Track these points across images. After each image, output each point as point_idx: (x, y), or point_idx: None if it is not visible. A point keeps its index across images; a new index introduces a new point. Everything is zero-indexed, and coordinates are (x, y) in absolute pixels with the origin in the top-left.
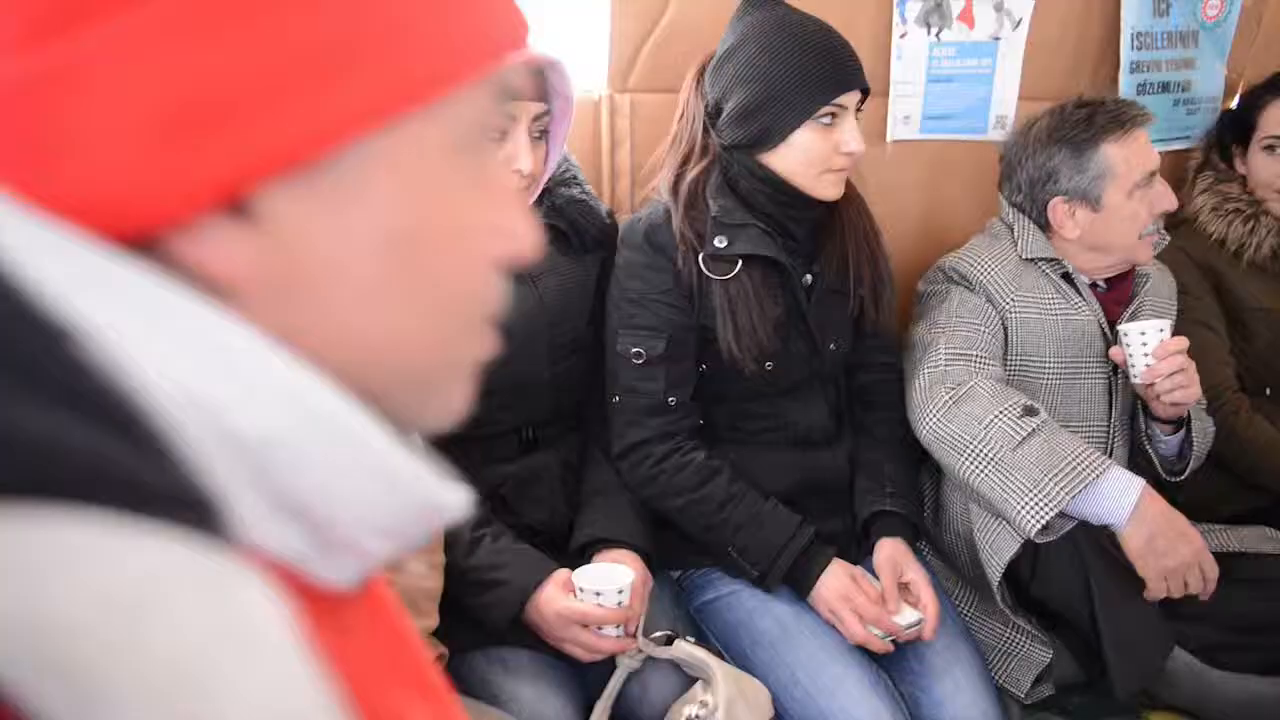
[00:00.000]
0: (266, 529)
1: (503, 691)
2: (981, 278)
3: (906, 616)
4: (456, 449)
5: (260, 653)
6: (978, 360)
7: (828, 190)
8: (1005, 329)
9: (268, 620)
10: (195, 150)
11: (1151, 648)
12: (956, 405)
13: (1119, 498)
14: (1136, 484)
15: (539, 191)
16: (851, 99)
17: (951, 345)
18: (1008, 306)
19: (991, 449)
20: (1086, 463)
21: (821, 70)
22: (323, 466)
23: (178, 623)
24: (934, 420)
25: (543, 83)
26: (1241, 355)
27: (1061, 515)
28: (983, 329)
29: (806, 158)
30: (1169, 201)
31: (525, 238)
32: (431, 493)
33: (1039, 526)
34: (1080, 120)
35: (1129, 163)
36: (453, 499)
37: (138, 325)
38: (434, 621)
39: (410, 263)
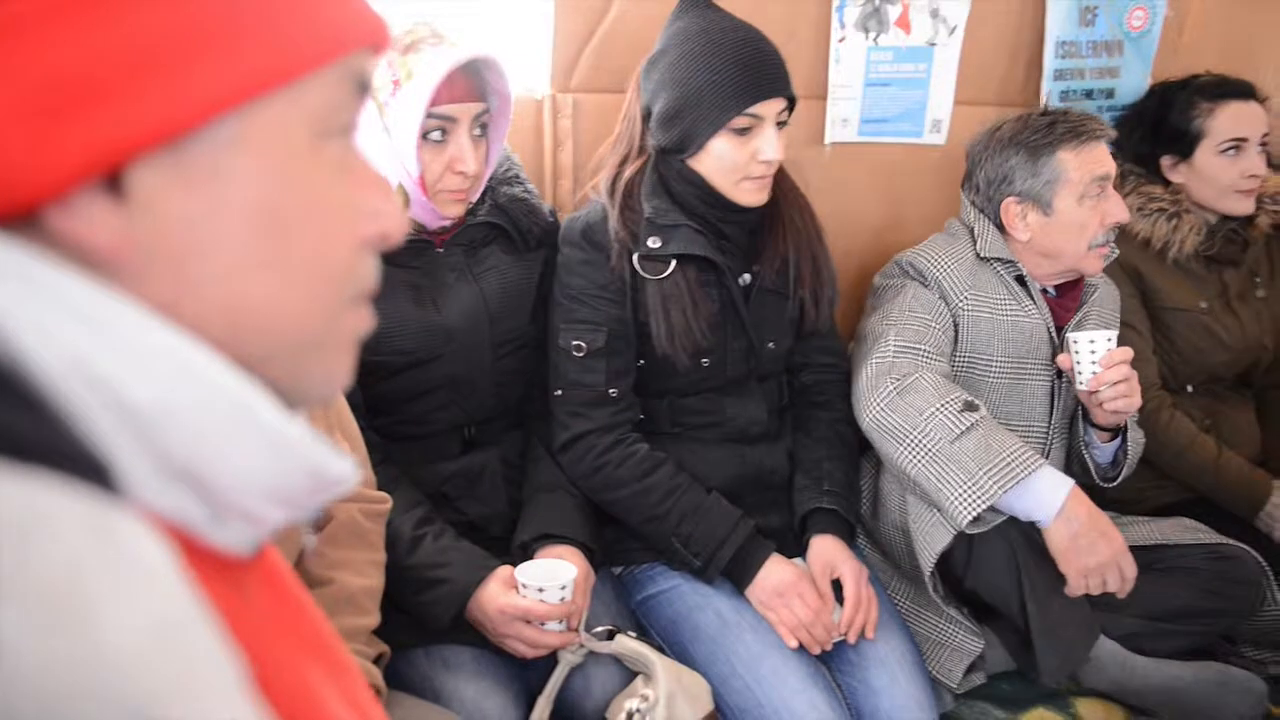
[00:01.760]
0: (157, 492)
1: (445, 689)
2: (938, 274)
3: (837, 613)
4: (398, 447)
5: (140, 581)
6: (925, 355)
7: (747, 197)
8: (956, 326)
9: (150, 556)
10: (66, 127)
11: (1078, 637)
12: (900, 396)
13: (1048, 496)
14: (1065, 484)
15: (481, 190)
16: (770, 108)
17: (901, 338)
18: (961, 304)
19: (931, 440)
20: (1020, 460)
21: (736, 80)
22: (209, 433)
23: (60, 549)
24: (877, 409)
25: (481, 81)
26: (1163, 354)
27: (993, 509)
28: (933, 324)
29: (722, 165)
30: (1120, 213)
31: (390, 219)
32: (319, 460)
33: (970, 518)
34: (1042, 127)
35: (1081, 170)
36: (340, 467)
37: (20, 298)
38: (375, 620)
39: (277, 238)
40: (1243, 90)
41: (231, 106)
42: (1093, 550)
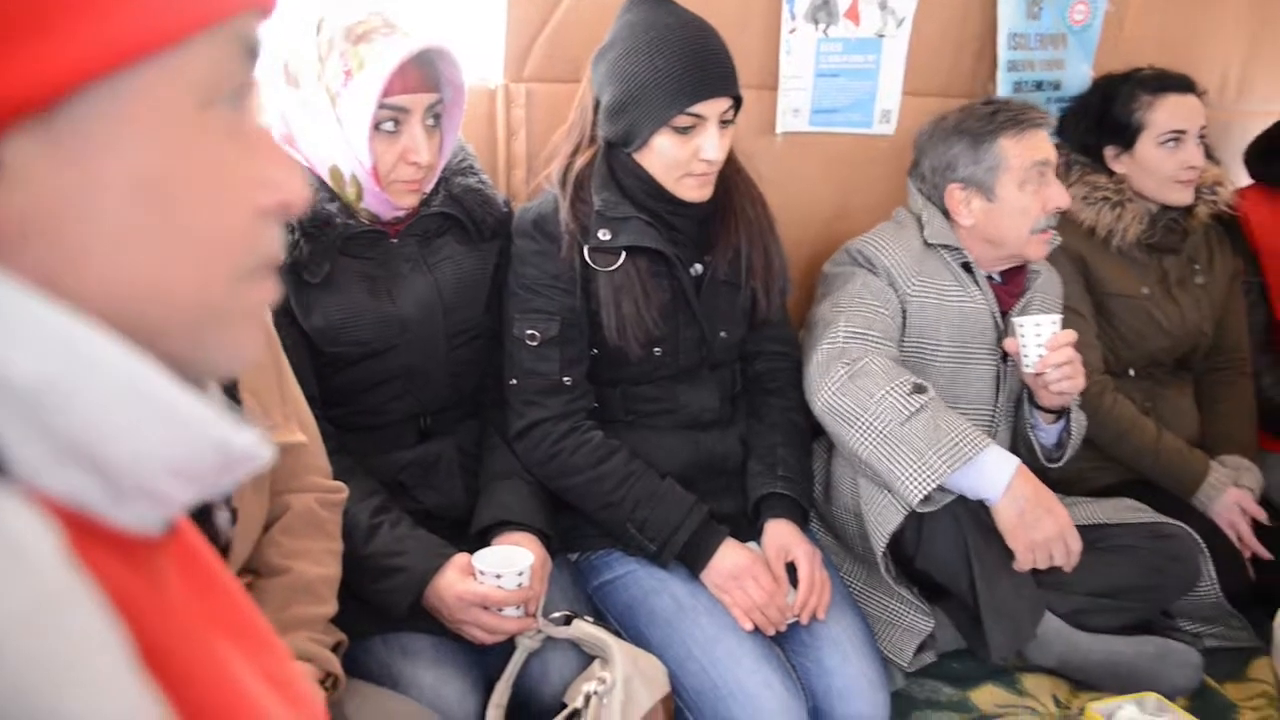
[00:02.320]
0: (50, 473)
1: (403, 676)
2: (886, 262)
3: (791, 596)
4: (355, 437)
5: (12, 566)
6: (874, 340)
7: (689, 193)
8: (905, 311)
9: (26, 538)
10: None
11: (1025, 614)
12: (851, 380)
13: (995, 474)
14: (1011, 462)
15: (435, 180)
16: (713, 108)
17: (851, 324)
18: (909, 291)
19: (881, 422)
20: (967, 440)
21: (679, 79)
22: (98, 410)
23: None
24: (829, 393)
25: (434, 71)
26: (1106, 339)
27: (942, 489)
28: (883, 310)
29: (664, 162)
30: (1061, 198)
31: (289, 186)
32: (222, 435)
33: (920, 496)
34: (983, 115)
35: (1021, 156)
36: (244, 440)
37: None
38: (332, 608)
39: (162, 210)
40: (1182, 84)
41: (103, 73)
42: (1039, 526)
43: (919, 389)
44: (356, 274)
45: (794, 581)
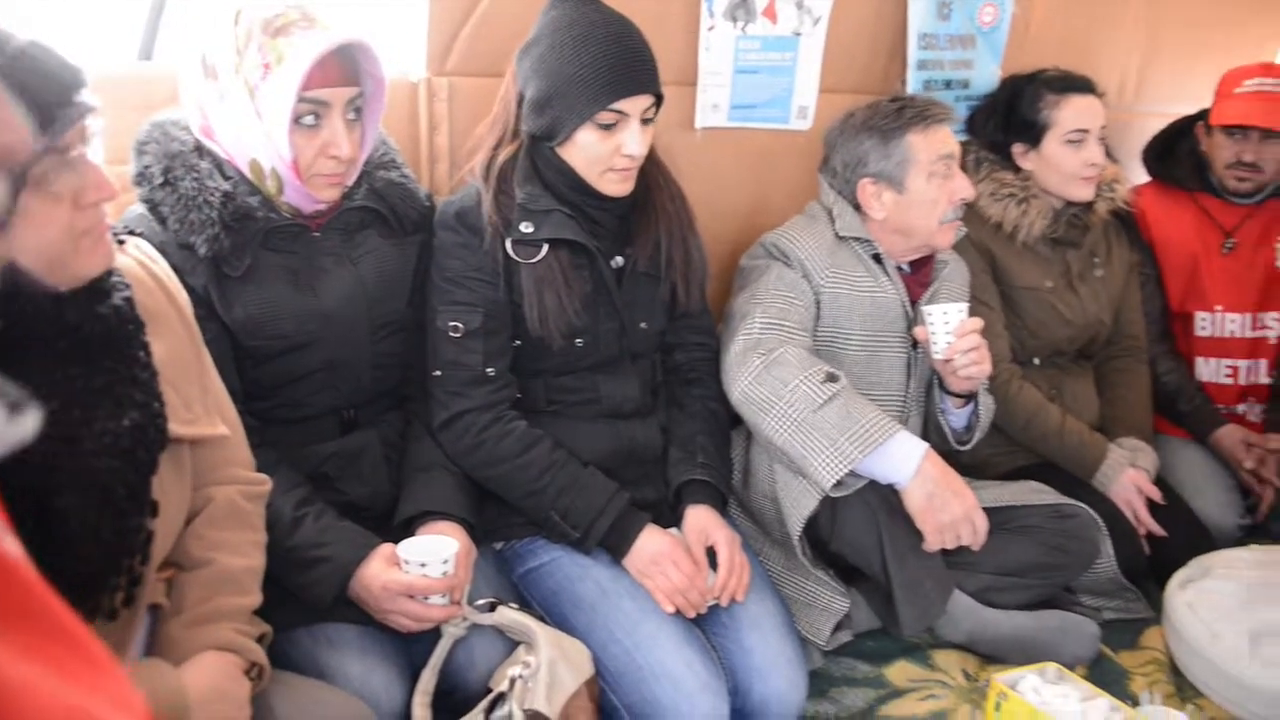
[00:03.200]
0: None
1: (329, 667)
2: (800, 255)
3: (711, 579)
4: (278, 430)
5: None
6: (789, 330)
7: (611, 188)
8: (819, 303)
9: None
10: None
11: (935, 592)
12: (766, 370)
13: (904, 459)
14: (920, 447)
15: (357, 174)
16: (635, 105)
17: (766, 315)
18: (822, 282)
19: (795, 410)
20: (877, 426)
21: (602, 76)
22: None
23: None
24: (745, 383)
25: (354, 65)
26: (1013, 329)
27: (854, 474)
28: (797, 302)
29: (587, 157)
30: (966, 190)
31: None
32: None
33: (834, 481)
34: (891, 112)
35: (928, 150)
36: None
37: None
38: (257, 599)
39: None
40: (1084, 85)
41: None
42: (946, 508)
43: (831, 378)
44: (278, 267)
45: (714, 565)
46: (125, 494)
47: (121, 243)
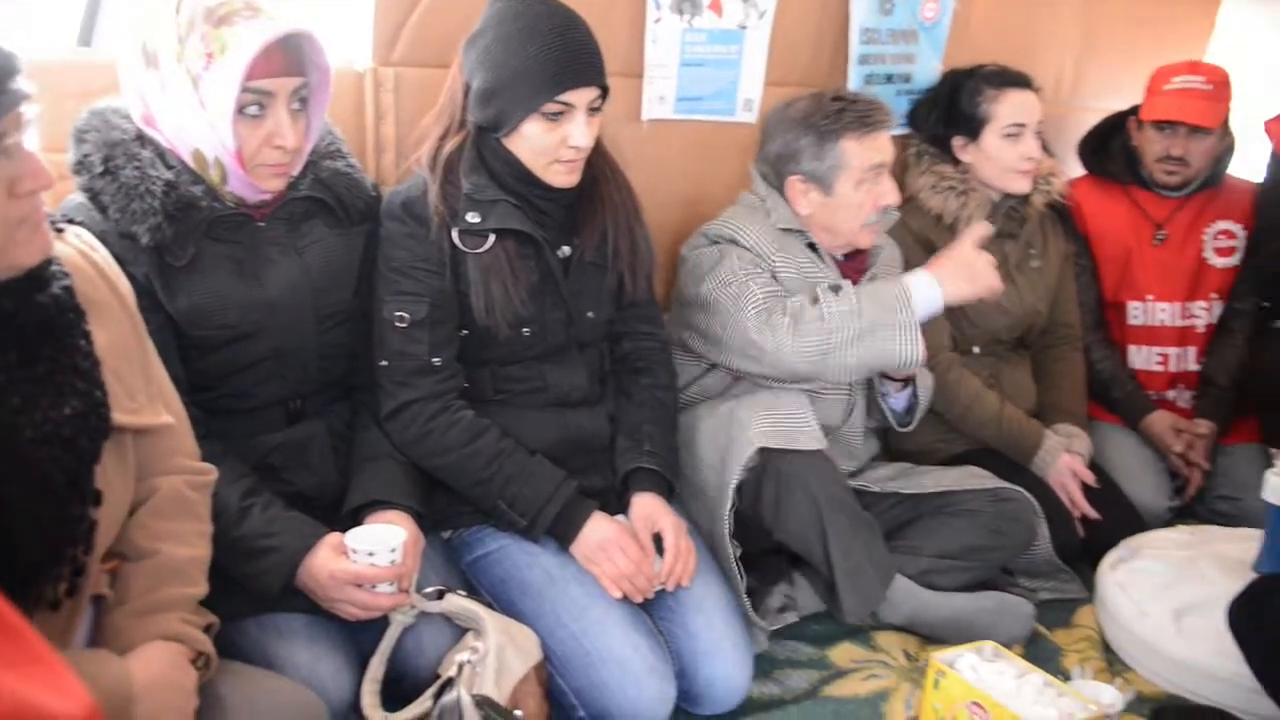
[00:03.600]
0: None
1: (278, 656)
2: (749, 241)
3: (658, 564)
4: (224, 420)
5: None
6: (778, 292)
7: (557, 179)
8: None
9: None
10: None
11: (876, 579)
12: (797, 323)
13: (927, 287)
14: (922, 273)
15: (302, 164)
16: (581, 97)
17: (757, 282)
18: (774, 265)
19: (847, 331)
20: (896, 290)
21: (548, 68)
22: None
23: None
24: (792, 342)
25: (298, 55)
26: (953, 319)
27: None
28: (765, 274)
29: (533, 148)
30: (892, 196)
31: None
32: None
33: (921, 350)
34: (832, 112)
35: (861, 158)
36: None
37: None
38: (203, 589)
39: None
40: (1022, 81)
41: None
42: (970, 266)
43: (834, 288)
44: (223, 257)
45: (661, 552)
46: (67, 483)
47: (60, 231)
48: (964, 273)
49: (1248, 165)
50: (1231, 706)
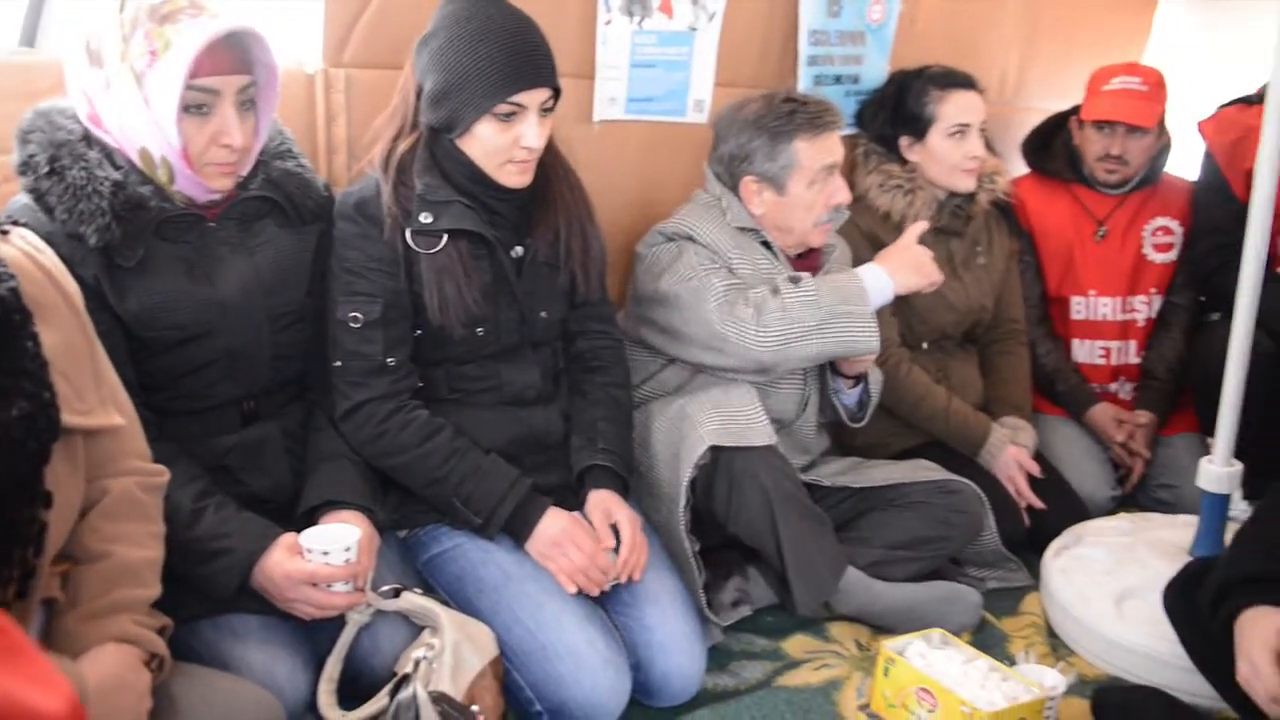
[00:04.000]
0: None
1: (233, 657)
2: (705, 239)
3: (613, 559)
4: (177, 422)
5: None
6: (738, 284)
7: (510, 179)
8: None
9: None
10: None
11: (827, 572)
12: (760, 313)
13: (877, 278)
14: (871, 265)
15: (252, 163)
16: (533, 98)
17: (717, 276)
18: (730, 262)
19: (808, 322)
20: (850, 280)
21: (500, 69)
22: None
23: None
24: (754, 334)
25: (245, 53)
26: (902, 315)
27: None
28: (724, 271)
29: (486, 148)
30: (843, 196)
31: None
32: None
33: (878, 340)
34: (783, 114)
35: (813, 159)
36: None
37: None
38: (156, 591)
39: None
40: (966, 81)
41: None
42: (912, 259)
43: (793, 280)
44: (173, 258)
45: (617, 545)
46: (15, 484)
47: (4, 233)
48: (910, 264)
49: (1183, 163)
50: (1167, 686)
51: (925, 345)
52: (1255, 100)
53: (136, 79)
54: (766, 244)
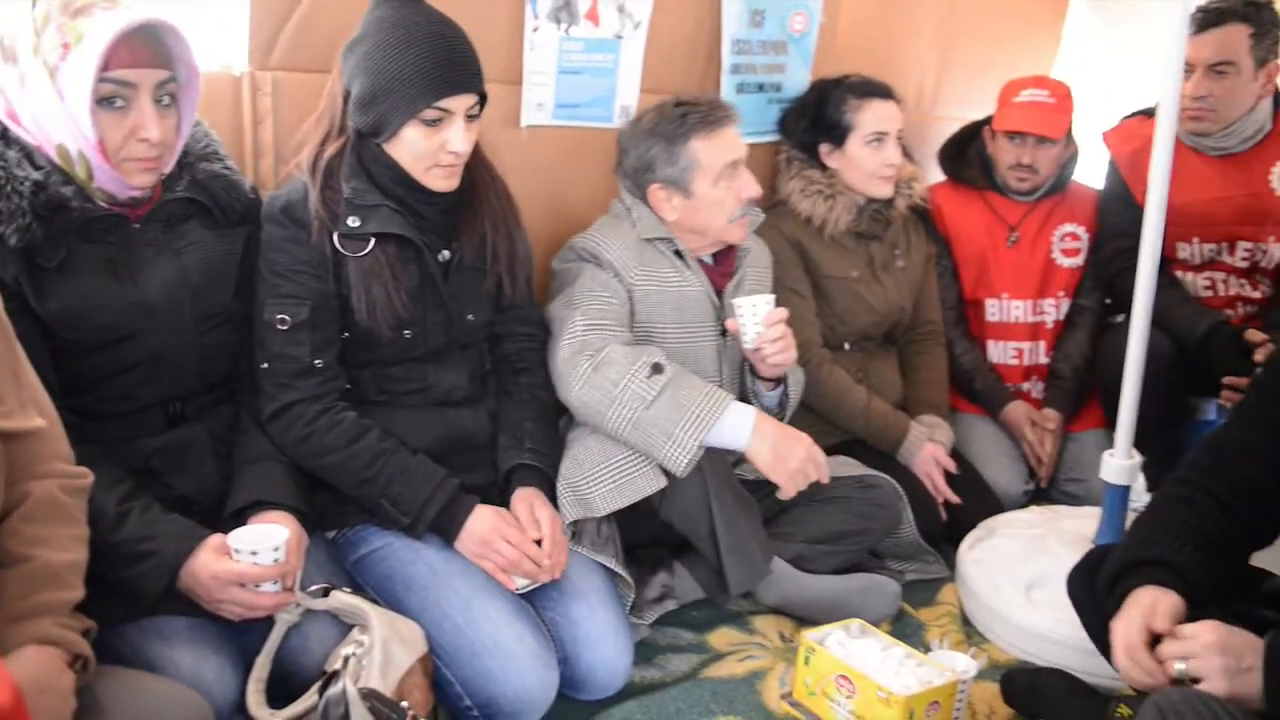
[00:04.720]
0: None
1: (160, 659)
2: (609, 257)
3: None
4: (101, 424)
5: None
6: (610, 328)
7: (436, 183)
8: (631, 300)
9: None
10: None
11: (759, 553)
12: (596, 372)
13: (740, 426)
14: (750, 412)
15: (174, 161)
16: (460, 103)
17: (587, 317)
18: (633, 281)
19: (629, 410)
20: (708, 406)
21: (427, 75)
22: None
23: None
24: (578, 388)
25: (163, 49)
26: (823, 316)
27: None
28: (613, 301)
29: (413, 153)
30: (752, 190)
31: None
32: None
33: (686, 468)
34: (676, 118)
35: (713, 156)
36: None
37: None
38: (79, 593)
39: None
40: (884, 91)
41: None
42: (792, 454)
43: (657, 369)
44: (97, 259)
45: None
46: None
47: None
48: (785, 453)
49: (1089, 172)
50: (1071, 667)
51: (847, 346)
52: (1155, 113)
53: (50, 73)
54: (679, 253)
